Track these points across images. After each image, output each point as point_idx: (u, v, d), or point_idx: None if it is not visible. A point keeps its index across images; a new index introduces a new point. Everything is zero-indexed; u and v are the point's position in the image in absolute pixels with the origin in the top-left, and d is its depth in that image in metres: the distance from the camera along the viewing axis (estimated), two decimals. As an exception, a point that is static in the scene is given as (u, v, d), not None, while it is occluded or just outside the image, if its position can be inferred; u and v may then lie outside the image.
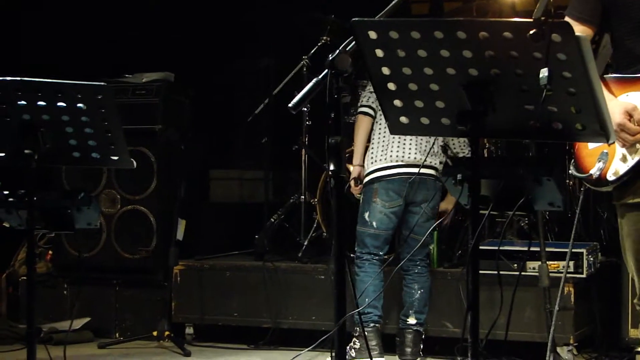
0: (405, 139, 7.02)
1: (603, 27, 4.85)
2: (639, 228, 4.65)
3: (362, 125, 7.15)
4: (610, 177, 4.61)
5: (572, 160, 4.81)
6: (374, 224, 6.98)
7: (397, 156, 7.01)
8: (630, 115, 4.37)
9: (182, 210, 8.24)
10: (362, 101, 7.16)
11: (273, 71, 7.52)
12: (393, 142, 7.01)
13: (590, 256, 7.09)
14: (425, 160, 6.90)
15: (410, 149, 7.02)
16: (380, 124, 7.08)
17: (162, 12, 9.80)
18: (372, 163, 7.10)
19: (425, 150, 7.00)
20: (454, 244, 7.68)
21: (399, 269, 6.96)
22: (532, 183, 4.13)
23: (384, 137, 7.06)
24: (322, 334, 5.46)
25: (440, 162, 7.05)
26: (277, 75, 7.24)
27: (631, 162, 4.54)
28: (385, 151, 7.01)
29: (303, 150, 7.93)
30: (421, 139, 7.00)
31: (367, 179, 7.10)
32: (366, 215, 6.99)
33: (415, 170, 6.86)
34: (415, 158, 6.99)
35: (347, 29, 3.67)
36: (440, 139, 7.04)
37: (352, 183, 7.20)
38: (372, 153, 7.14)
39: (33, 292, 5.05)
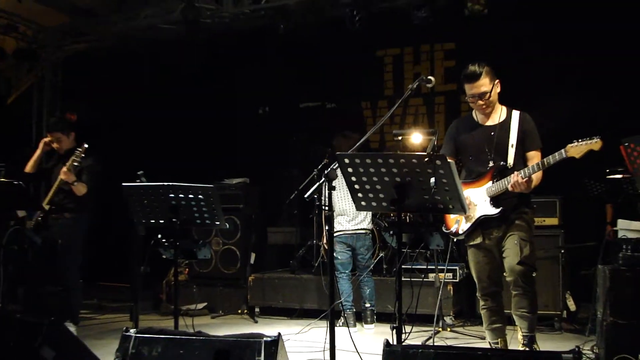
0: (347, 218, 7.14)
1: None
2: (475, 257, 4.83)
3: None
4: (461, 231, 4.78)
5: (443, 223, 4.94)
6: (339, 257, 7.07)
7: (343, 226, 7.14)
8: None
9: (253, 248, 8.40)
10: None
11: (299, 177, 7.61)
12: (342, 219, 7.14)
13: (460, 270, 7.22)
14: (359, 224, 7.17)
15: (349, 223, 7.14)
16: (335, 213, 7.14)
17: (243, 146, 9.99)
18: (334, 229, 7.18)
19: (360, 220, 7.16)
20: (392, 265, 7.71)
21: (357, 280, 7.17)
22: (428, 235, 4.28)
23: (339, 216, 7.16)
24: (324, 312, 5.56)
25: (368, 223, 7.23)
26: (302, 179, 7.31)
27: (469, 224, 4.73)
28: (337, 225, 7.14)
29: (315, 217, 7.98)
30: (356, 217, 7.14)
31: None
32: (335, 253, 7.02)
33: (349, 232, 7.15)
34: (346, 227, 7.14)
35: (335, 156, 3.82)
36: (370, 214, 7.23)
37: (324, 241, 7.48)
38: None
39: (177, 289, 5.17)
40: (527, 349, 4.62)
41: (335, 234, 7.12)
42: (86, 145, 6.24)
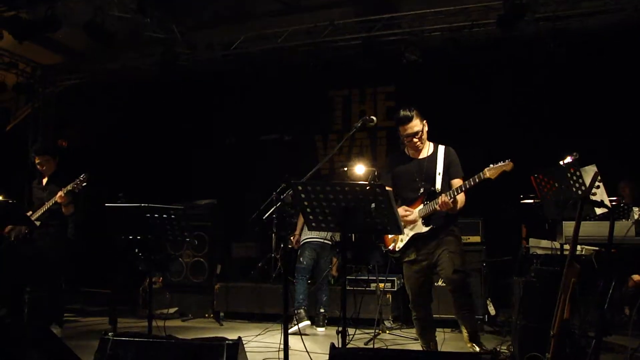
0: None
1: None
2: (408, 271, 4.75)
3: (300, 218, 7.06)
4: (397, 249, 4.73)
5: (383, 242, 4.88)
6: (304, 262, 6.92)
7: (311, 234, 6.99)
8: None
9: (219, 260, 8.24)
10: None
11: (261, 199, 7.46)
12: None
13: (398, 280, 7.01)
14: (326, 237, 6.97)
15: (314, 232, 6.93)
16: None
17: (209, 173, 9.88)
18: (302, 235, 7.08)
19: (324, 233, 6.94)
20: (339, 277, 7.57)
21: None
22: (369, 252, 4.25)
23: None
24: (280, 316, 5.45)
25: (330, 236, 6.97)
26: (263, 202, 7.16)
27: (403, 243, 4.69)
28: (309, 233, 7.00)
29: (273, 234, 7.82)
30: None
31: (301, 242, 7.05)
32: (301, 258, 6.93)
33: (319, 239, 6.97)
34: (317, 235, 6.96)
35: (290, 183, 3.75)
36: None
37: (294, 243, 7.15)
38: (303, 231, 7.12)
39: (152, 297, 5.01)
40: (474, 344, 4.57)
41: (307, 240, 7.06)
42: (86, 175, 6.05)
